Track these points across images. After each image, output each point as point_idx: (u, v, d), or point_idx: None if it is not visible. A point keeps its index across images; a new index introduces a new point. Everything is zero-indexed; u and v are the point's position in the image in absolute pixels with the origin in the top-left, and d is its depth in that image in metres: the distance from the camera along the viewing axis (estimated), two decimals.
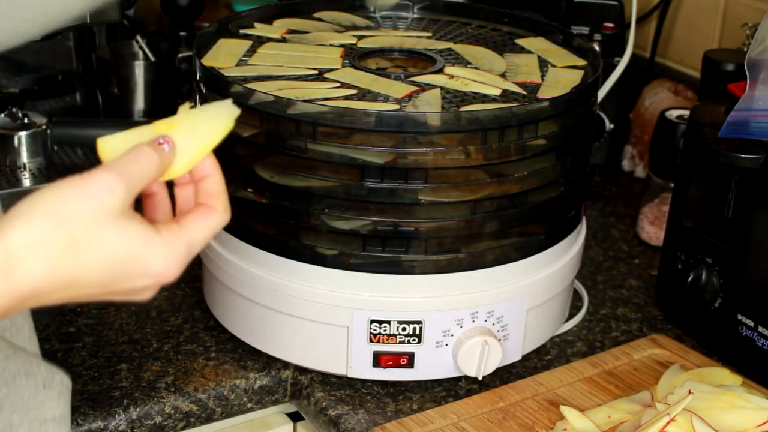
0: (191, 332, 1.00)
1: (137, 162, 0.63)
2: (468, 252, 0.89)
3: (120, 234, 0.61)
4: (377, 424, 0.88)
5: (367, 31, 1.08)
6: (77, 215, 0.59)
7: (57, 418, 0.73)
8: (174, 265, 0.63)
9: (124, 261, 0.61)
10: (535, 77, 0.97)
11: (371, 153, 0.84)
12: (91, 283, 0.61)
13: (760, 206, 0.92)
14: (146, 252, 0.62)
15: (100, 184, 0.61)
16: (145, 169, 0.63)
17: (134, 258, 0.61)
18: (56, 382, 0.74)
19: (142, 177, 0.63)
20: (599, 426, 0.85)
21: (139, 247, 0.62)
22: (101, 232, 0.60)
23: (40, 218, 0.59)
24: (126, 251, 0.61)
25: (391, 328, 0.89)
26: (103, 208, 0.60)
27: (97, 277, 0.61)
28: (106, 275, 0.61)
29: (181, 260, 0.64)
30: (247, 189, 0.90)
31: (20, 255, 0.57)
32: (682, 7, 1.45)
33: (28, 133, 1.22)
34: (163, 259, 0.63)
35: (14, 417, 0.70)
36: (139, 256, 0.62)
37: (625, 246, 1.22)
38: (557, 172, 0.92)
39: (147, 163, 0.64)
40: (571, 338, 1.03)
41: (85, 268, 0.60)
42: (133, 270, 0.62)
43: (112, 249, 0.60)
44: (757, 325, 0.94)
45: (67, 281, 0.60)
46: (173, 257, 0.63)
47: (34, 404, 0.72)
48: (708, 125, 0.96)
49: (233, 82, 0.89)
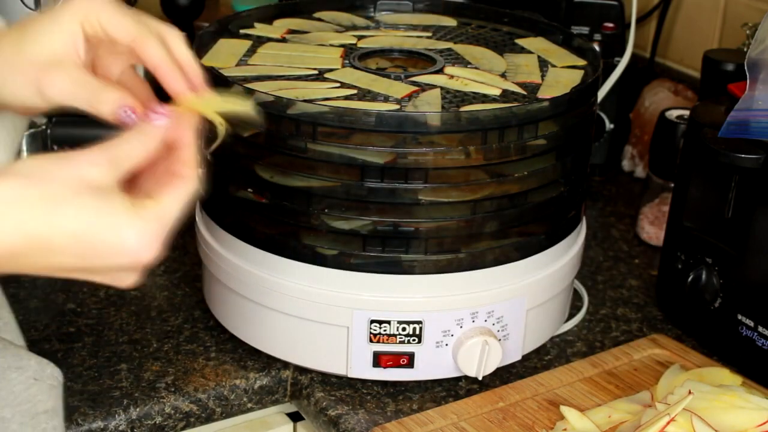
0: (191, 332, 1.00)
1: (128, 142, 0.64)
2: (468, 252, 0.89)
3: (96, 203, 0.61)
4: (377, 424, 0.88)
5: (367, 31, 1.08)
6: (54, 178, 0.60)
7: (49, 411, 0.73)
8: (150, 241, 0.63)
9: (99, 231, 0.61)
10: (535, 77, 0.97)
11: (371, 153, 0.84)
12: (65, 250, 0.60)
13: (760, 206, 0.92)
14: (122, 225, 0.61)
15: (84, 157, 0.62)
16: (135, 151, 0.64)
17: (109, 229, 0.61)
18: (47, 374, 0.74)
19: (129, 157, 0.64)
20: (599, 426, 0.85)
21: (115, 220, 0.61)
22: (76, 198, 0.60)
23: (16, 177, 0.59)
24: (100, 221, 0.61)
25: (391, 328, 0.89)
26: (82, 177, 0.61)
27: (70, 244, 0.60)
28: (80, 244, 0.60)
29: (157, 236, 0.63)
30: (247, 189, 0.90)
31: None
32: (682, 7, 1.45)
33: (28, 133, 1.22)
34: (138, 235, 0.62)
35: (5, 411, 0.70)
36: (114, 227, 0.61)
37: (625, 246, 1.22)
38: (557, 172, 0.92)
39: (136, 144, 0.64)
40: (571, 338, 1.03)
41: (58, 232, 0.60)
42: (109, 243, 0.61)
43: (86, 216, 0.60)
44: (757, 325, 0.94)
45: (40, 243, 0.59)
46: (148, 233, 0.63)
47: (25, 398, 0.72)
48: (708, 125, 0.96)
49: (233, 82, 0.89)
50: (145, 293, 1.06)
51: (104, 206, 0.61)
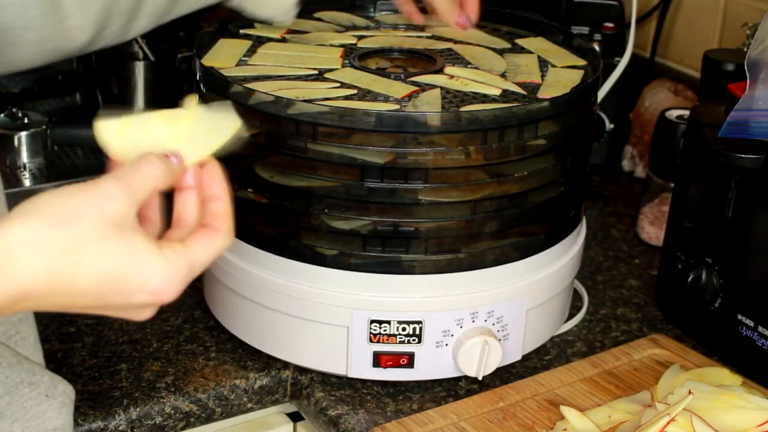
0: (191, 332, 1.00)
1: (142, 171, 0.63)
2: (468, 252, 0.89)
3: (120, 244, 0.60)
4: (377, 424, 0.88)
5: (367, 31, 1.08)
6: (77, 219, 0.59)
7: (58, 428, 0.73)
8: (173, 284, 0.62)
9: (122, 273, 0.60)
10: (535, 77, 0.97)
11: (371, 153, 0.84)
12: (87, 292, 0.60)
13: (760, 206, 0.92)
14: (146, 267, 0.61)
15: (102, 191, 0.60)
16: (151, 179, 0.63)
17: (133, 271, 0.61)
18: (59, 392, 0.73)
19: (146, 186, 0.63)
20: (599, 426, 0.85)
21: (139, 261, 0.61)
22: (100, 239, 0.59)
23: (40, 219, 0.58)
24: (125, 263, 0.60)
25: (391, 328, 0.89)
26: (104, 214, 0.60)
27: (93, 286, 0.60)
28: (103, 286, 0.60)
29: (181, 280, 0.63)
30: (247, 189, 0.90)
31: (17, 253, 0.57)
32: (682, 7, 1.45)
33: (28, 133, 1.22)
34: (162, 277, 0.62)
35: (15, 426, 0.70)
36: (138, 270, 0.61)
37: (625, 246, 1.22)
38: (557, 172, 0.92)
39: (152, 171, 0.63)
40: (571, 338, 1.03)
41: (82, 275, 0.59)
42: (131, 284, 0.61)
43: (110, 259, 0.60)
44: (757, 325, 0.94)
45: (63, 286, 0.59)
46: (173, 276, 0.62)
47: (35, 414, 0.72)
48: (708, 125, 0.96)
49: (233, 82, 0.89)
50: None
51: (127, 247, 0.60)
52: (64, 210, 0.59)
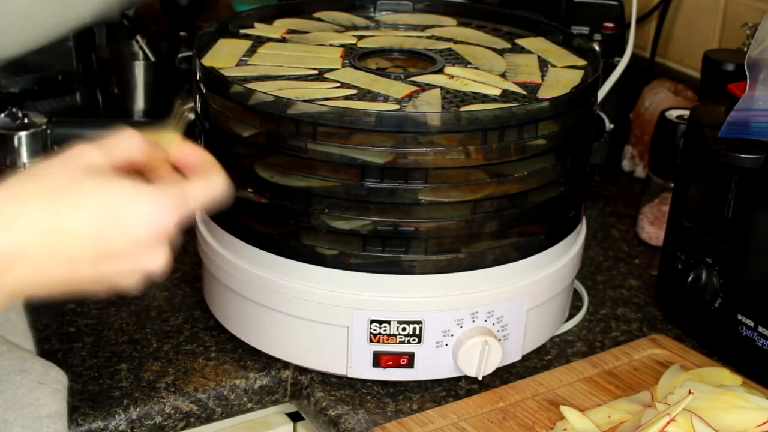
0: (191, 332, 1.00)
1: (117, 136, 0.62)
2: (468, 252, 0.89)
3: (99, 184, 0.59)
4: (377, 424, 0.88)
5: (367, 31, 1.08)
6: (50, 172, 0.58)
7: (52, 415, 0.73)
8: (170, 206, 0.59)
9: (112, 206, 0.58)
10: (535, 77, 0.97)
11: (371, 153, 0.84)
12: (79, 234, 0.57)
13: (760, 206, 0.92)
14: (135, 196, 0.59)
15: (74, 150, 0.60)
16: (124, 143, 0.62)
17: (123, 201, 0.58)
18: (51, 378, 0.73)
19: (120, 149, 0.62)
20: (599, 426, 0.85)
21: (125, 192, 0.59)
22: (78, 183, 0.58)
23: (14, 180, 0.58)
24: (111, 197, 0.58)
25: (391, 328, 0.89)
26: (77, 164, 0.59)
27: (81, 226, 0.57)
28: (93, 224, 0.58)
29: (177, 204, 0.60)
30: (247, 189, 0.90)
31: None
32: (682, 7, 1.45)
33: (28, 133, 1.22)
34: (154, 200, 0.59)
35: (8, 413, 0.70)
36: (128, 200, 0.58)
37: (625, 246, 1.22)
38: (557, 172, 0.92)
39: (128, 139, 0.62)
40: (571, 338, 1.03)
41: (66, 218, 0.57)
42: (125, 214, 0.58)
43: (93, 197, 0.58)
44: (757, 325, 0.94)
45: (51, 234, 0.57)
46: (167, 197, 0.60)
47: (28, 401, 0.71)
48: (708, 125, 0.96)
49: (233, 82, 0.89)
50: (145, 293, 1.06)
51: (108, 185, 0.59)
52: (36, 169, 0.59)
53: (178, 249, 0.63)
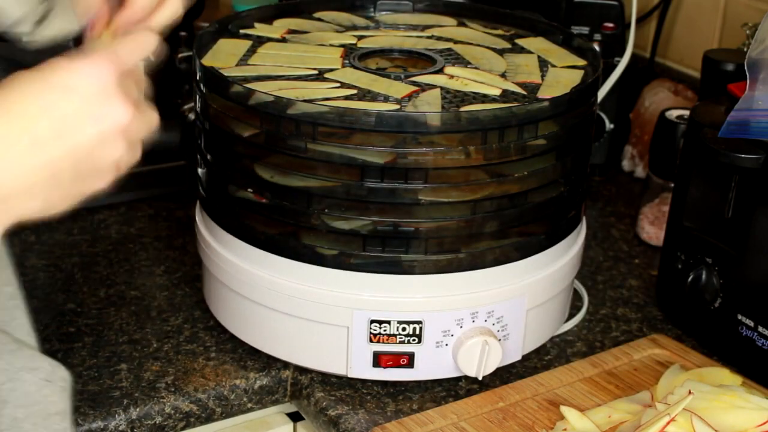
0: (191, 332, 1.00)
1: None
2: (468, 252, 0.89)
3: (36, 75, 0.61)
4: (377, 424, 0.88)
5: (367, 31, 1.08)
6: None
7: (60, 413, 0.73)
8: (99, 59, 0.63)
9: (50, 78, 0.61)
10: (535, 77, 0.97)
11: (371, 153, 0.84)
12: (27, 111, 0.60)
13: (760, 206, 0.92)
14: (68, 62, 0.62)
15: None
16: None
17: (58, 70, 0.61)
18: (58, 377, 0.74)
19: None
20: (599, 426, 0.85)
21: (59, 64, 0.62)
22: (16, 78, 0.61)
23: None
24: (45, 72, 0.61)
25: (391, 328, 0.89)
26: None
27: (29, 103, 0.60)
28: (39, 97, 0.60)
29: (107, 59, 0.63)
30: (247, 189, 0.90)
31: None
32: (682, 7, 1.45)
33: None
34: (86, 60, 0.62)
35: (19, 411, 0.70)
36: (64, 67, 0.62)
37: (625, 246, 1.22)
38: (557, 172, 0.92)
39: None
40: (571, 338, 1.03)
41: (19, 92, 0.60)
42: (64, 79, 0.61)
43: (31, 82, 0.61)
44: (757, 325, 0.94)
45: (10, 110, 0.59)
46: (96, 56, 0.63)
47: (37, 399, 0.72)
48: (708, 125, 0.96)
49: (233, 82, 0.89)
50: (145, 293, 1.06)
51: (41, 69, 0.62)
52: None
53: (152, 97, 0.68)
